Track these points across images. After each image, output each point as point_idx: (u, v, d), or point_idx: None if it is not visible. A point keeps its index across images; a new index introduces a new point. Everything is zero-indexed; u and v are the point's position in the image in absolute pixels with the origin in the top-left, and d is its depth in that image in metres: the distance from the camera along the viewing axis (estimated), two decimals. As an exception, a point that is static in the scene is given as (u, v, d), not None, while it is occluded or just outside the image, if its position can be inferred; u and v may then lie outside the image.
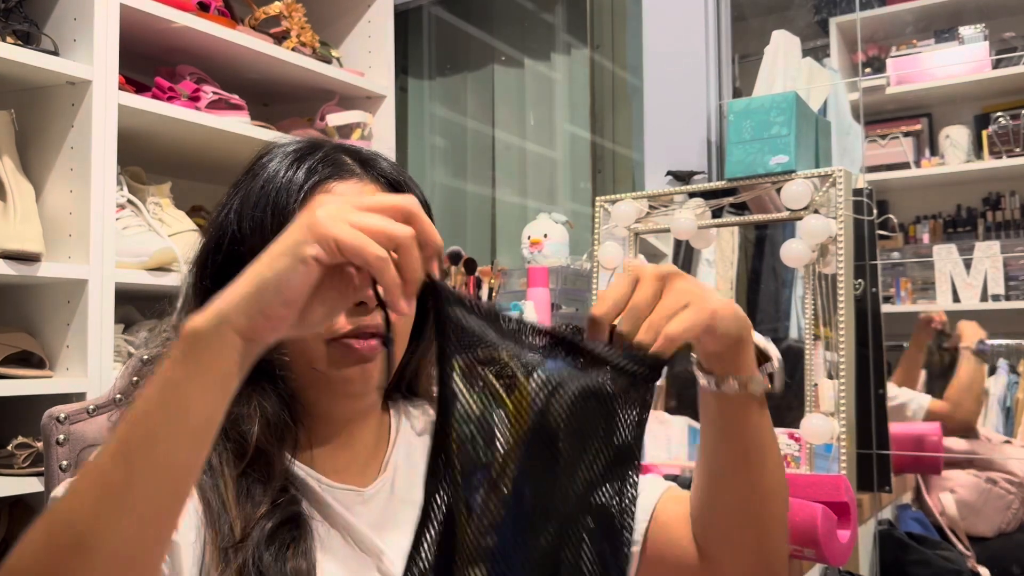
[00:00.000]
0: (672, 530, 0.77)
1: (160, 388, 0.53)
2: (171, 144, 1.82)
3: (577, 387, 0.60)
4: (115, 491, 0.51)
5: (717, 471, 0.72)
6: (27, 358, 1.49)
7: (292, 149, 0.78)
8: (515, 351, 0.59)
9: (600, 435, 0.61)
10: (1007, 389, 2.01)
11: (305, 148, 0.78)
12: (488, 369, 0.57)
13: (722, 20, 2.24)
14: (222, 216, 0.79)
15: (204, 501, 0.68)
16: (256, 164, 0.79)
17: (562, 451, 0.59)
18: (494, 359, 0.58)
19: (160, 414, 0.52)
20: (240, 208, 0.75)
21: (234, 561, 0.65)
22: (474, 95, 3.08)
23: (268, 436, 0.71)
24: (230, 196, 0.80)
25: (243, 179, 0.80)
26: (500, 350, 0.58)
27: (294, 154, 0.77)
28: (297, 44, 1.96)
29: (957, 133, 2.22)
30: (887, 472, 1.61)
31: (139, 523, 0.51)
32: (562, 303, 2.17)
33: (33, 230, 1.44)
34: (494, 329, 0.58)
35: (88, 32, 1.52)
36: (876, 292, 1.63)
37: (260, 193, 0.75)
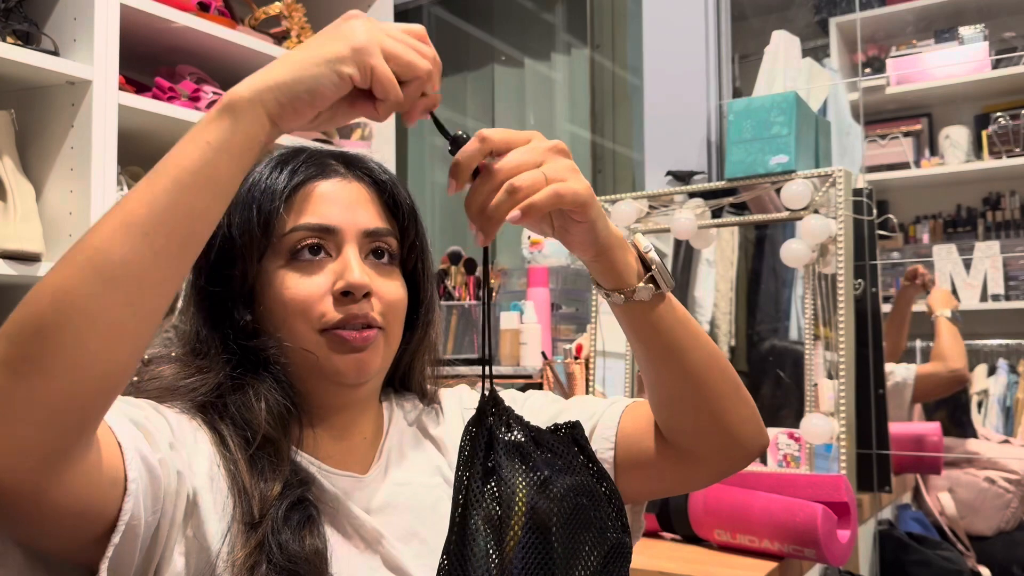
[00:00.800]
0: (639, 436, 0.82)
1: (191, 141, 0.61)
2: (171, 144, 1.81)
3: (567, 484, 0.67)
4: (138, 222, 0.57)
5: (649, 369, 0.79)
6: (27, 358, 1.49)
7: (277, 153, 0.82)
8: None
9: (593, 532, 0.68)
10: (1007, 389, 2.01)
11: (289, 152, 0.81)
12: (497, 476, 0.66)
13: (722, 20, 2.24)
14: None
15: (230, 475, 0.70)
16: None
17: (556, 547, 0.65)
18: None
19: (188, 163, 0.60)
20: (229, 210, 0.76)
21: (253, 538, 0.67)
22: (474, 95, 3.08)
23: (272, 422, 0.73)
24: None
25: None
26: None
27: (278, 157, 0.80)
28: (297, 44, 1.96)
29: (957, 133, 2.22)
30: (887, 472, 1.61)
31: (154, 257, 0.57)
32: (562, 303, 2.17)
33: (33, 230, 1.44)
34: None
35: (88, 32, 1.52)
36: (876, 292, 1.63)
37: (246, 196, 0.77)
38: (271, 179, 0.77)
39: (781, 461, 1.56)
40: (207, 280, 0.78)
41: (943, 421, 1.98)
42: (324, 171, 0.79)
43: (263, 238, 0.76)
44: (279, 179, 0.77)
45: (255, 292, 0.77)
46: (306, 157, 0.80)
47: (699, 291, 2.01)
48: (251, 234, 0.76)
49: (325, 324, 0.74)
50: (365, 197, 0.80)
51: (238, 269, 0.77)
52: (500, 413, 0.69)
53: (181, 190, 0.59)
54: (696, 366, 0.77)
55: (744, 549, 1.29)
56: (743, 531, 1.28)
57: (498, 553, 0.63)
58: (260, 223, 0.76)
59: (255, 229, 0.76)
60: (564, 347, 1.98)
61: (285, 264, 0.76)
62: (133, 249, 0.56)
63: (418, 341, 0.85)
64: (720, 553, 1.30)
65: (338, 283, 0.75)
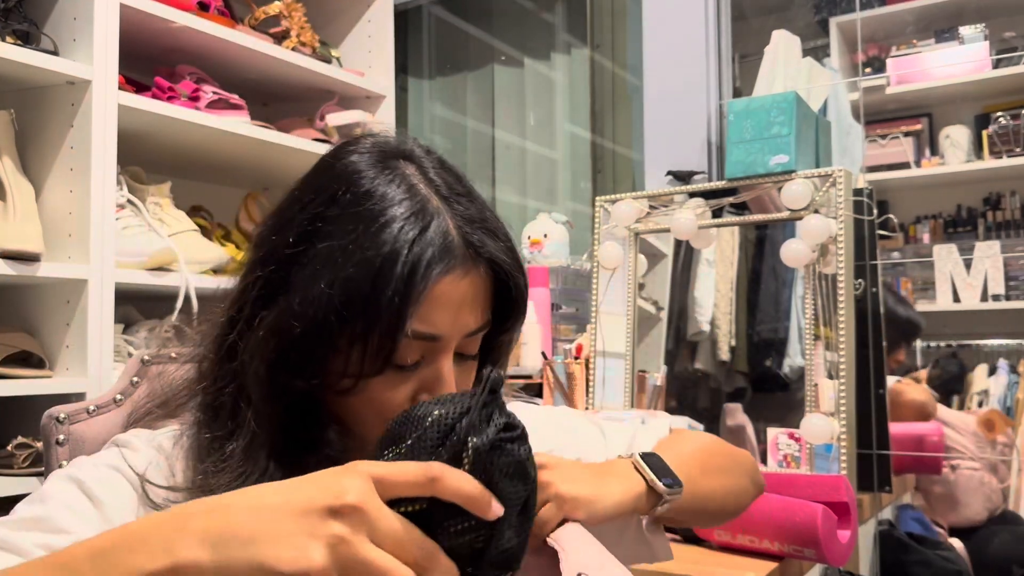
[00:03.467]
0: None
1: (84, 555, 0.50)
2: (171, 144, 1.82)
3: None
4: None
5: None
6: (27, 358, 1.49)
7: (404, 205, 0.65)
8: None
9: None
10: (1007, 389, 2.01)
11: (416, 215, 0.65)
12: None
13: (722, 20, 2.24)
14: (293, 244, 0.67)
15: None
16: (357, 191, 0.66)
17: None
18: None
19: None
20: (333, 270, 0.63)
21: None
22: (474, 95, 3.08)
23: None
24: (304, 218, 0.67)
25: (333, 205, 0.67)
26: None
27: (406, 219, 0.65)
28: (297, 44, 1.96)
29: (957, 133, 2.22)
30: (887, 472, 1.61)
31: None
32: (562, 303, 2.17)
33: (33, 230, 1.44)
34: None
35: (88, 32, 1.52)
36: (876, 292, 1.63)
37: (364, 271, 0.63)
38: (401, 270, 0.62)
39: (781, 461, 1.56)
40: (282, 357, 0.66)
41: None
42: (448, 259, 0.65)
43: (378, 341, 0.63)
44: (414, 269, 0.63)
45: (305, 359, 0.66)
46: (441, 241, 0.65)
47: (699, 291, 2.01)
48: (365, 337, 0.63)
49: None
50: (479, 290, 0.68)
51: (324, 353, 0.65)
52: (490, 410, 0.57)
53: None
54: (727, 511, 0.87)
55: (744, 549, 1.29)
56: (743, 531, 1.27)
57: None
58: (383, 328, 0.63)
59: (373, 329, 0.63)
60: (564, 347, 1.98)
61: (338, 349, 0.65)
62: None
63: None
64: (720, 553, 1.30)
65: (424, 398, 0.66)
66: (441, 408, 0.52)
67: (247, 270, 0.70)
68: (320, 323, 0.63)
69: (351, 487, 0.48)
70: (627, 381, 1.75)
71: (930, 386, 2.06)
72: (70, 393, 1.46)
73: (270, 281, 0.66)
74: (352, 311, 0.63)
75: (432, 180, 0.68)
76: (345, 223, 0.64)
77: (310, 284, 0.63)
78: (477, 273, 0.67)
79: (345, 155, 0.69)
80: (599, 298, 1.77)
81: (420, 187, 0.67)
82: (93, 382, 1.48)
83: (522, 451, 0.52)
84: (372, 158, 0.68)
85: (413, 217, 0.64)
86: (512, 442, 0.52)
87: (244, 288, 0.69)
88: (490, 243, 0.68)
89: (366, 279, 0.62)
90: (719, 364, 2.01)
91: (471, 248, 0.67)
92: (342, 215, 0.65)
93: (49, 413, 0.87)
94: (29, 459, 1.44)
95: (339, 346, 0.64)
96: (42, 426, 0.87)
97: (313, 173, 0.71)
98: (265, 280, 0.67)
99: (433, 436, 0.51)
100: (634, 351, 1.76)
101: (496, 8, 3.07)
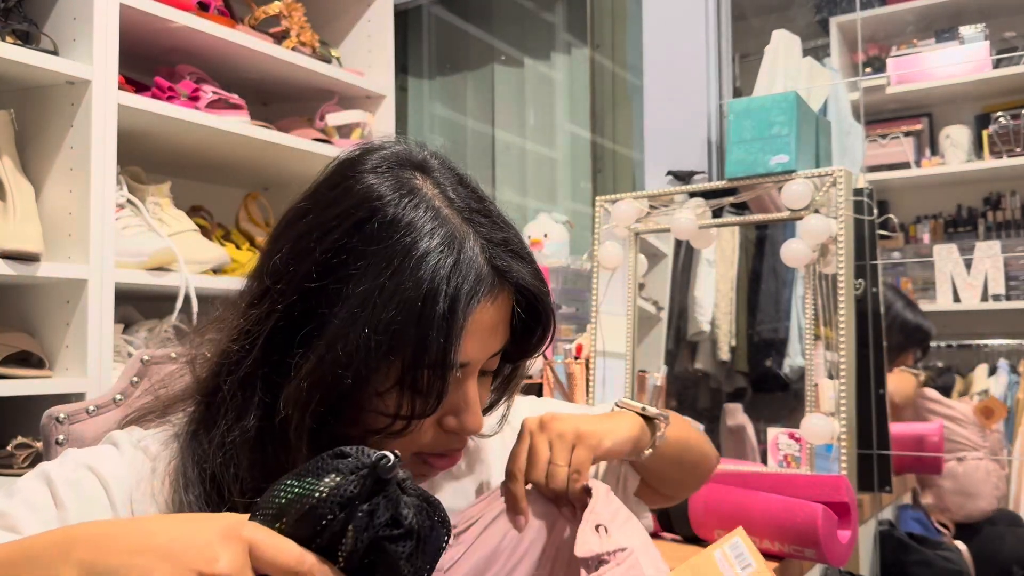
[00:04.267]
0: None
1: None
2: (170, 144, 1.82)
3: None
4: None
5: (661, 489, 0.91)
6: (26, 358, 1.49)
7: (435, 220, 0.64)
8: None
9: None
10: (1007, 389, 2.01)
11: (452, 245, 0.64)
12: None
13: (722, 20, 2.24)
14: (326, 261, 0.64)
15: None
16: (383, 221, 0.64)
17: None
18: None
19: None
20: (372, 295, 0.61)
21: None
22: (474, 95, 3.08)
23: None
24: (325, 248, 0.64)
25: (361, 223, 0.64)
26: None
27: (445, 244, 0.63)
28: (297, 44, 1.96)
29: (957, 133, 2.22)
30: (887, 472, 1.61)
31: None
32: (562, 303, 2.17)
33: (33, 230, 1.44)
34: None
35: (88, 32, 1.52)
36: (876, 292, 1.63)
37: (408, 308, 0.61)
38: (442, 307, 0.61)
39: (781, 461, 1.56)
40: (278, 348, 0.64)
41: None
42: (481, 287, 0.64)
43: (427, 381, 0.63)
44: (454, 304, 0.62)
45: (348, 405, 0.64)
46: (473, 270, 0.64)
47: (699, 291, 2.01)
48: (414, 380, 0.62)
49: (419, 450, 0.68)
50: (505, 314, 0.68)
51: (370, 399, 0.64)
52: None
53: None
54: (696, 472, 0.93)
55: (744, 549, 1.29)
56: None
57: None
58: (432, 369, 0.62)
59: (421, 371, 0.62)
60: (564, 347, 1.97)
61: (384, 393, 0.64)
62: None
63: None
64: (720, 553, 1.30)
65: (450, 421, 0.68)
66: (331, 484, 0.50)
67: (258, 297, 0.66)
68: (368, 371, 0.62)
69: (226, 557, 0.47)
70: (627, 381, 1.75)
71: (926, 385, 2.06)
72: (70, 393, 1.46)
73: (293, 318, 0.64)
74: (400, 351, 0.61)
75: (452, 200, 0.66)
76: (375, 258, 0.62)
77: (349, 329, 0.61)
78: (504, 297, 0.67)
79: (361, 175, 0.66)
80: (599, 298, 1.77)
81: (444, 210, 0.65)
82: (93, 382, 1.48)
83: (402, 550, 0.50)
84: (391, 179, 0.66)
85: (445, 248, 0.63)
86: (394, 541, 0.50)
87: (258, 319, 0.65)
88: (516, 267, 0.67)
89: (410, 321, 0.61)
90: (719, 364, 2.01)
91: (498, 273, 0.66)
92: (370, 250, 0.62)
93: (49, 413, 0.87)
94: (29, 459, 1.44)
95: (387, 391, 0.63)
96: (42, 426, 0.87)
97: (327, 191, 0.67)
98: (285, 315, 0.64)
99: (315, 517, 0.50)
100: (634, 351, 1.75)
101: (496, 8, 3.07)
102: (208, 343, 0.71)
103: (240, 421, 0.65)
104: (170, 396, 0.74)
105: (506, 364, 0.75)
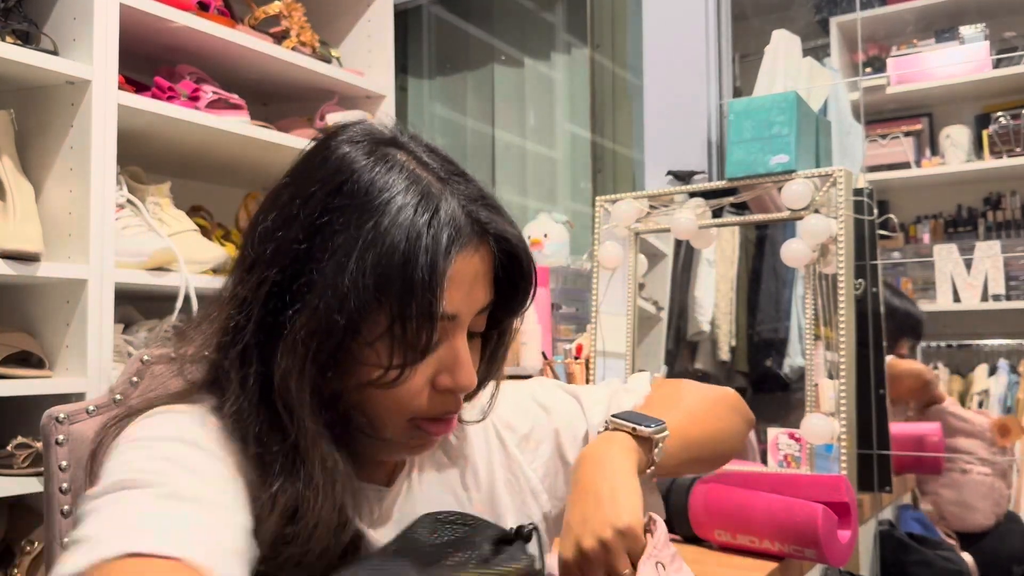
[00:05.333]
0: None
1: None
2: (170, 144, 1.82)
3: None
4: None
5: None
6: (26, 358, 1.49)
7: (407, 184, 0.67)
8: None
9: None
10: (1007, 389, 2.01)
11: (425, 198, 0.66)
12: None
13: (722, 20, 2.24)
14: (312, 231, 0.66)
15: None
16: (359, 180, 0.67)
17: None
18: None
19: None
20: (360, 250, 0.63)
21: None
22: (474, 95, 3.08)
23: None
24: (309, 212, 0.66)
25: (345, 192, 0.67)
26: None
27: (418, 203, 0.66)
28: (297, 44, 1.96)
29: (957, 133, 2.22)
30: (887, 472, 1.61)
31: None
32: (562, 303, 2.17)
33: (33, 230, 1.44)
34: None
35: (88, 32, 1.52)
36: (876, 292, 1.63)
37: (391, 257, 0.63)
38: (424, 253, 0.64)
39: (781, 461, 1.56)
40: (273, 310, 0.66)
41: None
42: (461, 237, 0.66)
43: (416, 325, 0.64)
44: (436, 250, 0.64)
45: (343, 356, 0.66)
46: (452, 221, 0.66)
47: (699, 291, 2.00)
48: (404, 323, 0.64)
49: (414, 414, 0.69)
50: (488, 266, 0.70)
51: (360, 348, 0.65)
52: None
53: None
54: (724, 453, 0.91)
55: (744, 549, 1.29)
56: (743, 531, 1.27)
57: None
58: (420, 311, 0.63)
59: (409, 314, 0.63)
60: (564, 347, 1.98)
61: (375, 342, 0.65)
62: None
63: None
64: (720, 553, 1.30)
65: (444, 378, 0.69)
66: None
67: (248, 268, 0.68)
68: (359, 314, 0.63)
69: None
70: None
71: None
72: (70, 393, 1.46)
73: (283, 280, 0.65)
74: (387, 296, 0.63)
75: (426, 163, 0.69)
76: (356, 214, 0.65)
77: (337, 277, 0.63)
78: (486, 249, 0.69)
79: (336, 146, 0.69)
80: (599, 298, 1.77)
81: (418, 171, 0.68)
82: (93, 382, 1.48)
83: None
84: (365, 147, 0.69)
85: (424, 200, 0.66)
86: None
87: (254, 286, 0.66)
88: (495, 218, 0.70)
89: (396, 264, 0.63)
90: (719, 364, 2.01)
91: (478, 224, 0.68)
92: (350, 205, 0.65)
93: (49, 413, 0.87)
94: (29, 459, 1.44)
95: (377, 338, 0.65)
96: (42, 426, 0.87)
97: (305, 164, 0.70)
98: (276, 279, 0.65)
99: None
100: (634, 351, 1.75)
101: (496, 8, 3.07)
102: (199, 336, 0.72)
103: (244, 389, 0.66)
104: (159, 396, 0.74)
105: (493, 332, 0.75)
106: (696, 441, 0.85)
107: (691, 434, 0.84)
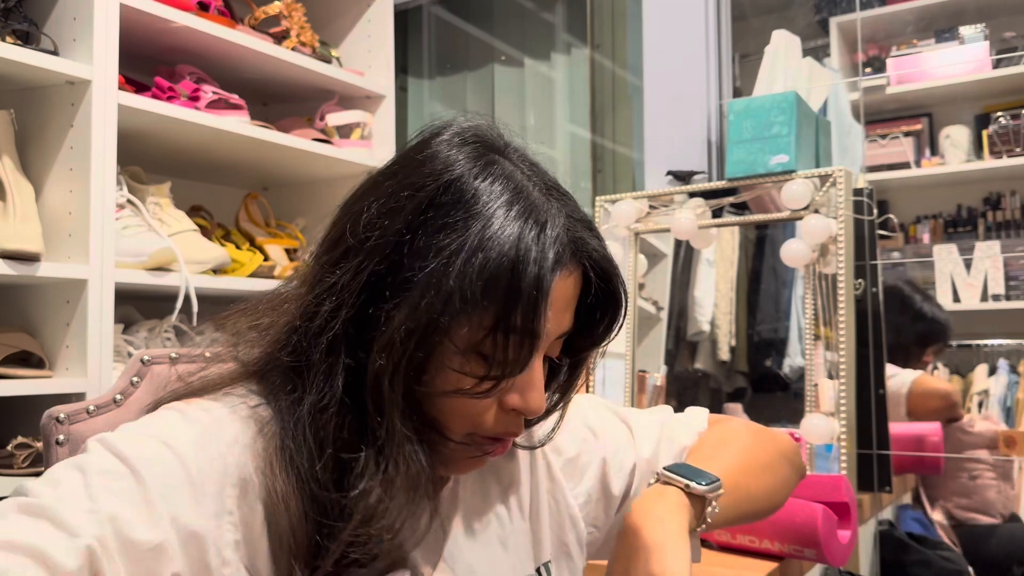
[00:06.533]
0: None
1: None
2: (171, 144, 1.82)
3: None
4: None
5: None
6: (27, 358, 1.49)
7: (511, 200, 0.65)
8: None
9: None
10: (1007, 389, 2.01)
11: (538, 211, 0.65)
12: None
13: (722, 20, 2.24)
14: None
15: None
16: (466, 184, 0.65)
17: None
18: None
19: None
20: (467, 253, 0.61)
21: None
22: (474, 95, 3.08)
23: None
24: (414, 205, 0.64)
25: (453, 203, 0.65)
26: None
27: (530, 211, 0.64)
28: (297, 44, 1.96)
29: (957, 133, 2.22)
30: (887, 472, 1.61)
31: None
32: (562, 303, 2.17)
33: (33, 230, 1.44)
34: None
35: (88, 32, 1.52)
36: (876, 292, 1.63)
37: (501, 268, 0.61)
38: (534, 264, 0.62)
39: (781, 461, 1.56)
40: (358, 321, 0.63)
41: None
42: (564, 257, 0.65)
43: (521, 332, 0.62)
44: (544, 266, 0.62)
45: (435, 360, 0.64)
46: (557, 239, 0.64)
47: (699, 291, 2.01)
48: (507, 331, 0.62)
49: (475, 430, 0.67)
50: (577, 291, 0.68)
51: (446, 328, 0.62)
52: None
53: None
54: (773, 506, 0.87)
55: (744, 549, 1.29)
56: (743, 531, 1.27)
57: None
58: (525, 321, 0.62)
59: (514, 323, 0.62)
60: (564, 347, 1.97)
61: (470, 350, 0.64)
62: None
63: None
64: (720, 553, 1.30)
65: (514, 398, 0.66)
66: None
67: (343, 254, 0.65)
68: (463, 316, 0.61)
69: None
70: (627, 381, 1.75)
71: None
72: (70, 393, 1.46)
73: (384, 271, 0.63)
74: (493, 303, 0.61)
75: (531, 176, 0.68)
76: (463, 216, 0.63)
77: (443, 276, 0.61)
78: (579, 273, 0.68)
79: (446, 142, 0.68)
80: (599, 298, 1.77)
81: (525, 183, 0.66)
82: (93, 382, 1.48)
83: None
84: (474, 151, 0.67)
85: (532, 214, 0.64)
86: None
87: (351, 274, 0.64)
88: (591, 243, 0.68)
89: (504, 271, 0.61)
90: (719, 364, 2.01)
91: (575, 247, 0.66)
92: (458, 205, 0.63)
93: (49, 413, 0.87)
94: (29, 459, 1.44)
95: (472, 347, 0.63)
96: (42, 426, 0.87)
97: (414, 154, 0.68)
98: (376, 270, 0.63)
99: None
100: (634, 351, 1.75)
101: (496, 8, 3.07)
102: (254, 329, 0.69)
103: (330, 381, 0.63)
104: (211, 381, 0.70)
105: (565, 358, 0.73)
106: (747, 498, 0.81)
107: (743, 489, 0.80)
